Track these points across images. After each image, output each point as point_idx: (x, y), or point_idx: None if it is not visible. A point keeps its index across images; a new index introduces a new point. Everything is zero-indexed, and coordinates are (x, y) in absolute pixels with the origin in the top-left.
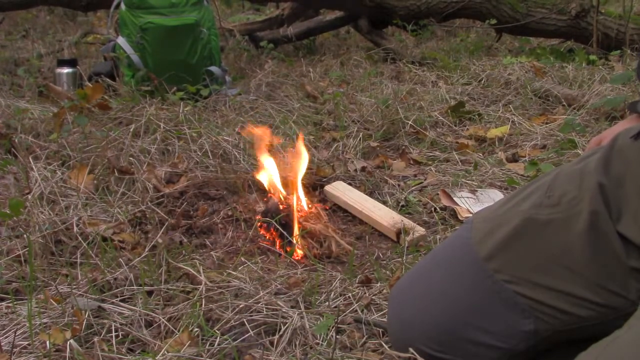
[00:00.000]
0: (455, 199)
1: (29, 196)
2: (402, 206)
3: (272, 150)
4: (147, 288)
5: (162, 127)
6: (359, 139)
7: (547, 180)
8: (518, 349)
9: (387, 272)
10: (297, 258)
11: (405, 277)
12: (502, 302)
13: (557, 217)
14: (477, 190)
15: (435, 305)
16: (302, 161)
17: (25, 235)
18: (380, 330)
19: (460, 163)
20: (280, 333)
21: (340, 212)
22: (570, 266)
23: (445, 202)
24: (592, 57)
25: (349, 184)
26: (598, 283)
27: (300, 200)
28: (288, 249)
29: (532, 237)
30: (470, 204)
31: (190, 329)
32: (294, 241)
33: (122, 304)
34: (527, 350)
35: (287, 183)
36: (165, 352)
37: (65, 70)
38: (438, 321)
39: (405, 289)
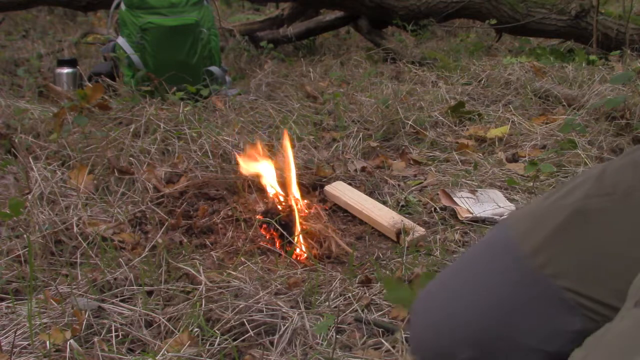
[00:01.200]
0: (455, 199)
1: (29, 196)
2: (402, 206)
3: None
4: (147, 288)
5: (162, 127)
6: (359, 139)
7: (594, 173)
8: (564, 351)
9: (387, 272)
10: (301, 259)
11: (435, 282)
12: (547, 299)
13: (611, 206)
14: (477, 190)
15: (473, 308)
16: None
17: (25, 235)
18: (381, 329)
19: (460, 163)
20: (280, 333)
21: (340, 212)
22: (625, 258)
23: (445, 202)
24: (592, 57)
25: (349, 184)
26: None
27: (299, 201)
28: (288, 249)
29: (583, 227)
30: (470, 204)
31: (190, 329)
32: (294, 241)
33: (122, 304)
34: (567, 355)
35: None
36: (165, 352)
37: (65, 70)
38: (476, 324)
39: (435, 294)
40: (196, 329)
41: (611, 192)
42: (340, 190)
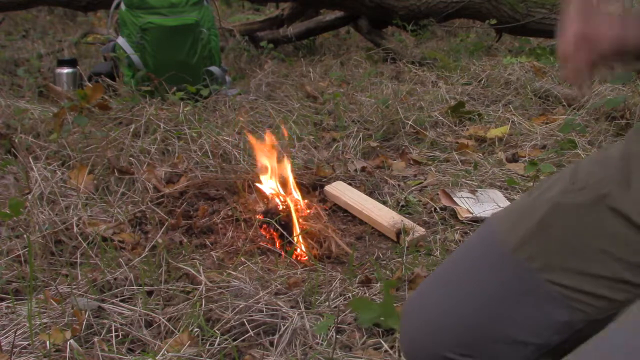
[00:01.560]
0: (455, 199)
1: (29, 196)
2: (402, 206)
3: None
4: (147, 288)
5: (162, 127)
6: (359, 139)
7: (568, 170)
8: (551, 343)
9: (387, 272)
10: (301, 259)
11: (423, 285)
12: (534, 292)
13: (585, 200)
14: (477, 190)
15: (462, 306)
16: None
17: (25, 235)
18: (380, 330)
19: (460, 163)
20: (280, 333)
21: (340, 212)
22: (605, 248)
23: (445, 202)
24: None
25: (349, 184)
26: (635, 262)
27: (299, 201)
28: (288, 249)
29: (562, 222)
30: (470, 204)
31: (190, 329)
32: (294, 241)
33: (122, 304)
34: (559, 346)
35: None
36: (165, 352)
37: (65, 70)
38: (466, 322)
39: (424, 297)
40: (196, 329)
41: (583, 187)
42: (340, 190)
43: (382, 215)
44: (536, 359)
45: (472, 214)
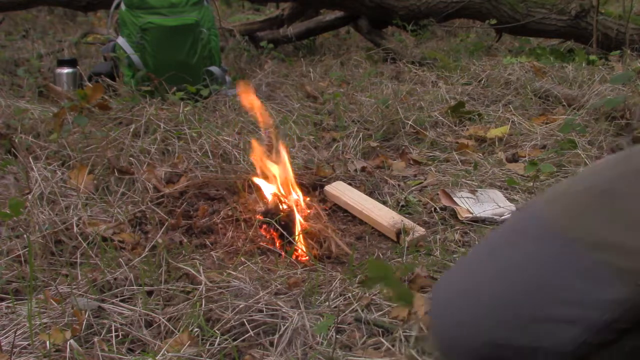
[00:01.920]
0: (455, 199)
1: (29, 196)
2: (402, 206)
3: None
4: (147, 288)
5: (162, 127)
6: (359, 139)
7: (623, 155)
8: (602, 322)
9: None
10: (301, 259)
11: (452, 274)
12: (584, 270)
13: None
14: (477, 190)
15: (506, 287)
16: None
17: (25, 235)
18: (381, 329)
19: (460, 163)
20: (280, 333)
21: (340, 212)
22: None
23: (445, 202)
24: (592, 57)
25: (349, 184)
26: None
27: (299, 201)
28: (288, 249)
29: (616, 204)
30: (470, 204)
31: (190, 329)
32: (295, 241)
33: (122, 304)
34: (607, 327)
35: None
36: (165, 352)
37: (65, 70)
38: (511, 303)
39: (456, 284)
40: (196, 329)
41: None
42: (340, 190)
43: (382, 215)
44: (583, 341)
45: (472, 214)
